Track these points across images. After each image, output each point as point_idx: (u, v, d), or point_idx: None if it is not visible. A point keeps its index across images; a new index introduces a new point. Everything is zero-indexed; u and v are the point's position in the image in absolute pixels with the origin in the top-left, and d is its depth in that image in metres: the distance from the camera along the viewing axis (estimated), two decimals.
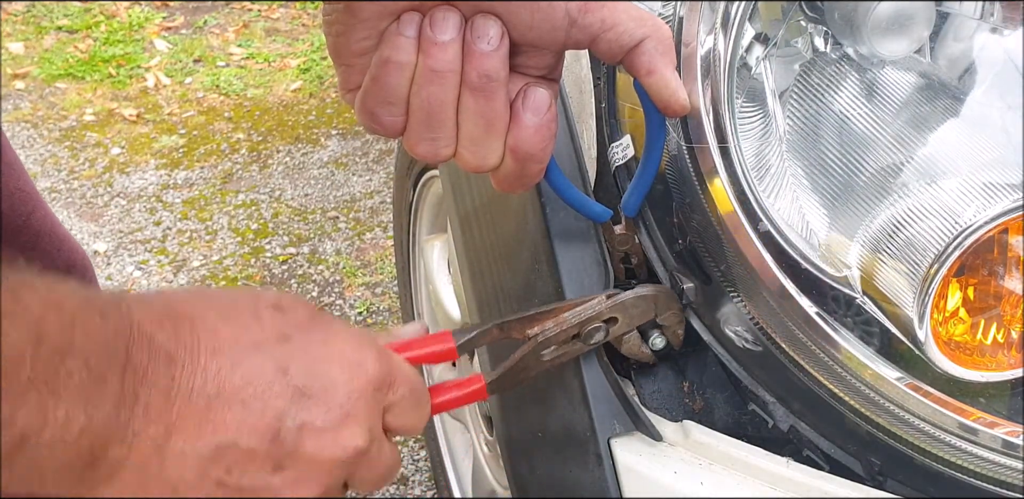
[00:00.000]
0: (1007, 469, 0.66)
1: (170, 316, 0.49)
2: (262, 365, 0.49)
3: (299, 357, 0.50)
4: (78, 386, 0.43)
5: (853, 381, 0.67)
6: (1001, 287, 0.66)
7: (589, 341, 0.72)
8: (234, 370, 0.48)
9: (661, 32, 0.60)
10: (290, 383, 0.49)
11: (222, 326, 0.49)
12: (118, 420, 0.45)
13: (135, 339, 0.46)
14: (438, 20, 0.57)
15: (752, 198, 0.67)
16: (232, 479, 0.49)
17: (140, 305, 0.48)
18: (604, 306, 0.72)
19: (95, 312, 0.45)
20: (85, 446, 0.44)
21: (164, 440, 0.47)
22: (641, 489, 0.74)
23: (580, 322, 0.71)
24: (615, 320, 0.73)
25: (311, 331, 0.52)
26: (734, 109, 0.68)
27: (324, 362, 0.51)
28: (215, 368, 0.48)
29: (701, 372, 0.78)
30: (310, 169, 2.80)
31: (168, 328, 0.48)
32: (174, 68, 3.37)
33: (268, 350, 0.50)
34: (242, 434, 0.48)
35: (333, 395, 0.51)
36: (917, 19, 0.69)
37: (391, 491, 1.84)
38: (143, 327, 0.47)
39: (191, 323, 0.49)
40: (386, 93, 0.59)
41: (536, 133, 0.60)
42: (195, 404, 0.47)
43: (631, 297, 0.73)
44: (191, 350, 0.48)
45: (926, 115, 0.69)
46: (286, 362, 0.50)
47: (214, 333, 0.49)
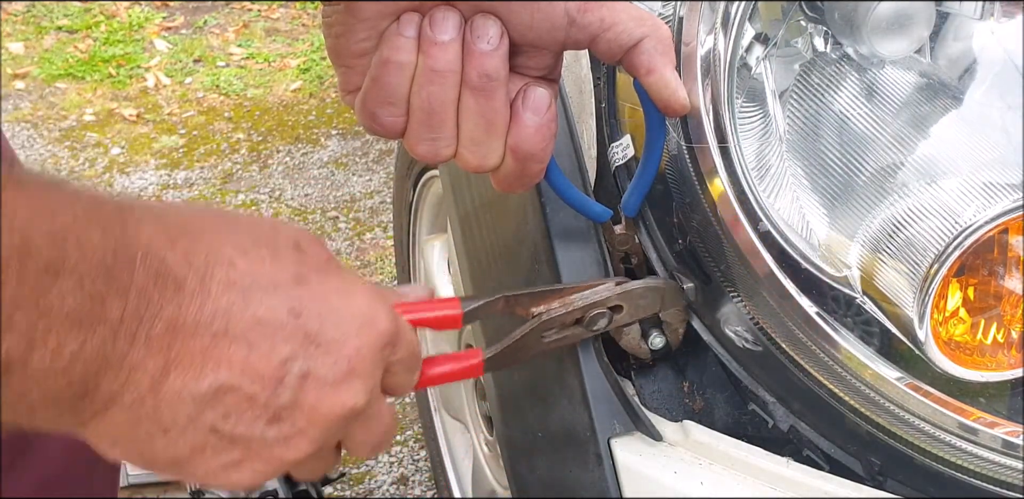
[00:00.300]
0: (1007, 469, 0.66)
1: (184, 237, 0.44)
2: (276, 305, 0.46)
3: (313, 302, 0.47)
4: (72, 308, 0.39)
5: (853, 381, 0.67)
6: (1001, 287, 0.66)
7: (592, 327, 0.71)
8: (246, 307, 0.45)
9: (660, 31, 0.60)
10: (302, 328, 0.46)
11: (239, 258, 0.46)
12: (115, 349, 0.42)
13: (142, 259, 0.42)
14: (438, 20, 0.57)
15: (752, 198, 0.67)
16: (227, 426, 0.46)
17: (151, 220, 0.44)
18: (612, 292, 0.71)
19: (95, 224, 0.41)
20: (77, 375, 0.41)
21: (161, 376, 0.43)
22: (641, 489, 0.74)
23: (586, 306, 0.70)
24: (620, 308, 0.72)
25: (327, 277, 0.49)
26: (734, 109, 0.68)
27: (337, 311, 0.48)
28: (226, 302, 0.44)
29: (701, 372, 0.78)
30: (310, 169, 2.80)
31: (180, 250, 0.44)
32: (174, 68, 3.37)
33: (283, 290, 0.47)
34: (245, 376, 0.45)
35: (342, 347, 0.48)
36: (917, 19, 0.69)
37: (391, 491, 1.84)
38: (152, 246, 0.43)
39: (207, 249, 0.45)
40: (386, 93, 0.59)
41: (536, 133, 0.60)
42: (199, 339, 0.44)
43: (640, 287, 0.72)
44: (203, 279, 0.44)
45: (926, 115, 0.69)
46: (300, 305, 0.47)
47: (230, 264, 0.45)
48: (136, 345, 0.42)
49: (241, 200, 2.66)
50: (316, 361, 0.47)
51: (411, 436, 1.95)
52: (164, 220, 0.45)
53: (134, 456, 0.46)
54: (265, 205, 2.64)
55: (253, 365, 0.45)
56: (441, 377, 0.64)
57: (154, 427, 0.44)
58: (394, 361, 0.52)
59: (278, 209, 2.61)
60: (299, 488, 1.54)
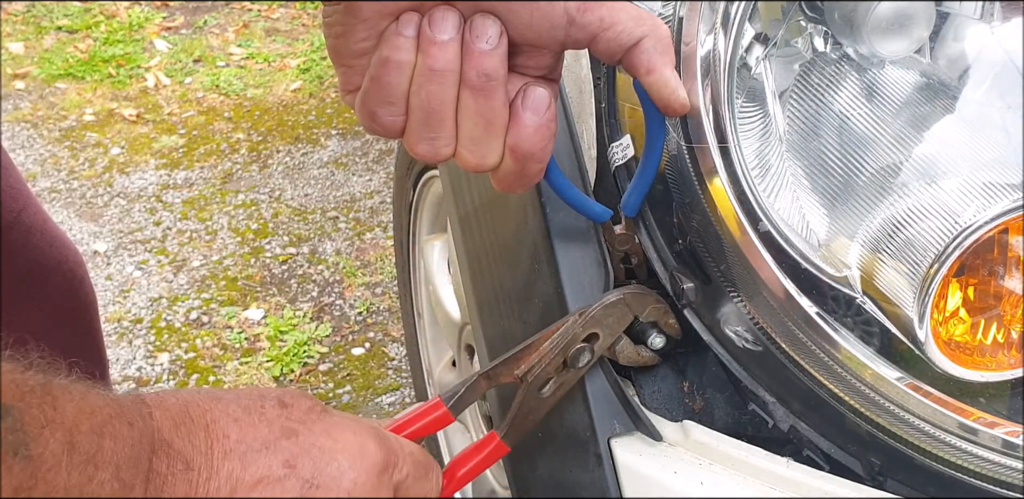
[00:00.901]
0: (1007, 469, 0.66)
1: (186, 422, 0.52)
2: (271, 463, 0.53)
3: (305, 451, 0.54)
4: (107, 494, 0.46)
5: (853, 381, 0.67)
6: (1001, 287, 0.66)
7: (578, 365, 0.72)
8: (245, 470, 0.52)
9: (660, 31, 0.60)
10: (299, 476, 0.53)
11: (232, 429, 0.53)
12: None
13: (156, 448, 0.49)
14: (437, 20, 0.57)
15: (752, 198, 0.67)
16: None
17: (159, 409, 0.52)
18: (578, 326, 0.72)
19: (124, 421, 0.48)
20: None
21: None
22: (641, 489, 0.74)
23: (562, 348, 0.71)
24: (596, 336, 0.72)
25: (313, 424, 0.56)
26: (734, 109, 0.68)
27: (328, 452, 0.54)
28: (227, 470, 0.51)
29: (701, 372, 0.78)
30: (310, 169, 2.80)
31: (184, 434, 0.51)
32: (174, 68, 3.37)
33: (276, 447, 0.53)
34: None
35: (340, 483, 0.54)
36: (917, 19, 0.69)
37: None
38: (162, 434, 0.50)
39: (205, 429, 0.52)
40: (386, 93, 0.59)
41: (536, 132, 0.60)
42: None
43: (598, 309, 0.73)
44: (206, 455, 0.51)
45: (926, 115, 0.69)
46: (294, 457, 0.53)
47: (225, 437, 0.52)
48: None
49: (241, 200, 2.66)
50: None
51: None
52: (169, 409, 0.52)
53: None
54: (265, 205, 2.63)
55: None
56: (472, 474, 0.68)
57: None
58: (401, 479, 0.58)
59: (278, 209, 2.61)
60: None
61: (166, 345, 2.16)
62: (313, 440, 0.55)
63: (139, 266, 2.41)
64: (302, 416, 0.56)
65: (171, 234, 2.53)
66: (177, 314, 2.25)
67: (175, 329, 2.21)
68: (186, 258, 2.44)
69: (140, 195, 2.69)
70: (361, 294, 2.30)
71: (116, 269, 2.41)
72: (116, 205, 2.65)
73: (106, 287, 2.33)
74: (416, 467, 0.59)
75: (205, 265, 2.41)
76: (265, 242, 2.49)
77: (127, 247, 2.48)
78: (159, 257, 2.45)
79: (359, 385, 2.06)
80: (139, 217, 2.60)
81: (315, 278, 2.36)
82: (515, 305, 0.88)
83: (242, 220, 2.58)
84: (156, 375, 2.08)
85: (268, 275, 2.37)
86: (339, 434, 0.56)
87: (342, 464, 0.54)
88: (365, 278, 2.35)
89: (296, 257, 2.43)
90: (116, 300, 2.29)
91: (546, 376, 0.71)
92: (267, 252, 2.45)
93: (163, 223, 2.57)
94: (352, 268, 2.38)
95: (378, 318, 2.23)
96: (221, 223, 2.56)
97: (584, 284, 0.78)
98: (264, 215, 2.59)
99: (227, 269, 2.39)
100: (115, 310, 2.26)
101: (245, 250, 2.46)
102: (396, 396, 2.04)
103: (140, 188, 2.73)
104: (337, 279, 2.35)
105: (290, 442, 0.54)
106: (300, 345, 2.13)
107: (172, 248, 2.48)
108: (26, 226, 1.00)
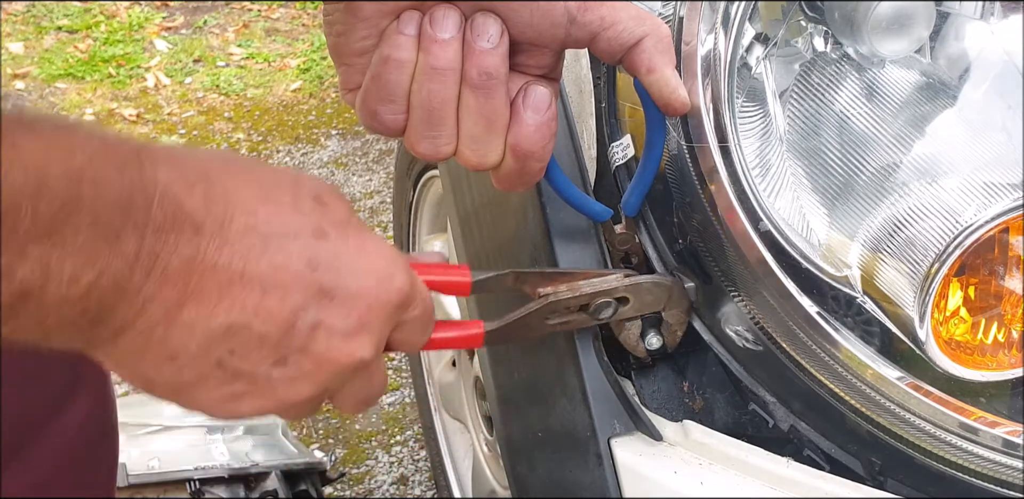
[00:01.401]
0: (1008, 468, 0.66)
1: (202, 183, 0.45)
2: (293, 255, 0.47)
3: (331, 257, 0.48)
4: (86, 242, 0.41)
5: (854, 381, 0.67)
6: (1002, 287, 0.66)
7: (597, 315, 0.70)
8: (264, 253, 0.46)
9: (660, 30, 0.60)
10: (316, 280, 0.48)
11: (260, 206, 0.47)
12: (131, 281, 0.43)
13: (159, 201, 0.43)
14: (438, 18, 0.57)
15: (752, 198, 0.67)
16: (233, 361, 0.47)
17: (169, 163, 0.44)
18: (621, 283, 0.70)
19: (111, 165, 0.42)
20: (92, 303, 0.42)
21: (176, 308, 0.44)
22: (641, 489, 0.74)
23: (593, 293, 0.69)
24: (626, 301, 0.71)
25: (348, 233, 0.50)
26: (734, 109, 0.68)
27: (354, 267, 0.49)
28: (245, 248, 0.45)
29: (701, 372, 0.78)
30: (310, 169, 2.80)
31: (199, 195, 0.45)
32: (174, 68, 3.37)
33: (302, 242, 0.48)
34: (257, 318, 0.46)
35: (355, 303, 0.49)
36: (917, 19, 0.69)
37: (391, 491, 1.84)
38: (170, 189, 0.43)
39: (226, 196, 0.46)
40: (387, 91, 0.59)
41: (536, 131, 0.60)
42: (216, 278, 0.45)
43: (648, 281, 0.72)
44: (222, 224, 0.45)
45: (926, 115, 0.69)
46: (317, 258, 0.48)
47: (250, 211, 0.46)
48: (151, 279, 0.43)
49: None
50: (328, 312, 0.48)
51: (411, 436, 1.95)
52: (183, 164, 0.45)
53: (138, 379, 0.48)
54: None
55: (266, 308, 0.46)
56: (443, 342, 0.64)
57: (162, 353, 0.46)
58: (407, 319, 0.53)
59: None
60: (299, 488, 1.54)
61: None
62: (343, 249, 0.49)
63: None
64: (337, 220, 0.50)
65: None
66: None
67: None
68: None
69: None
70: None
71: None
72: None
73: None
74: (423, 314, 0.55)
75: None
76: None
77: None
78: None
79: None
80: None
81: None
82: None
83: None
84: None
85: None
86: (371, 253, 0.50)
87: (364, 284, 0.49)
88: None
89: None
90: None
91: (563, 306, 0.70)
92: None
93: None
94: None
95: None
96: None
97: None
98: None
99: None
100: None
101: None
102: (396, 396, 2.03)
103: None
104: None
105: (319, 243, 0.48)
106: None
107: None
108: None
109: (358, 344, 0.50)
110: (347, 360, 0.50)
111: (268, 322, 0.47)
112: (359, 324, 0.49)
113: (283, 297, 0.47)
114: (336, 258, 0.49)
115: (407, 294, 0.52)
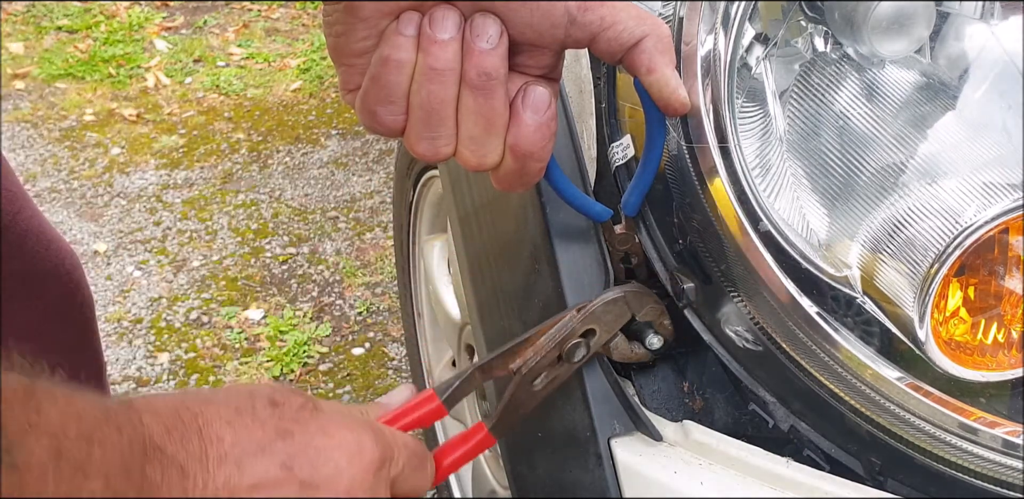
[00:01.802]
0: (1007, 469, 0.66)
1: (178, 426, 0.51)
2: (267, 466, 0.52)
3: (301, 451, 0.53)
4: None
5: (853, 381, 0.67)
6: (1001, 287, 0.66)
7: (572, 359, 0.72)
8: (242, 474, 0.51)
9: (660, 31, 0.60)
10: (296, 478, 0.52)
11: (226, 432, 0.52)
12: None
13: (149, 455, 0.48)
14: (438, 18, 0.57)
15: (752, 198, 0.67)
16: None
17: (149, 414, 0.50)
18: (576, 321, 0.72)
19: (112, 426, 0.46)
20: None
21: None
22: (641, 489, 0.74)
23: (558, 343, 0.71)
24: (592, 332, 0.73)
25: (307, 422, 0.55)
26: (734, 109, 0.68)
27: (324, 451, 0.54)
28: (224, 476, 0.50)
29: (701, 372, 0.78)
30: (310, 169, 2.80)
31: (177, 439, 0.50)
32: (174, 68, 3.37)
33: (271, 450, 0.52)
34: None
35: (338, 482, 0.53)
36: (917, 19, 0.69)
37: None
38: (154, 440, 0.49)
39: (198, 433, 0.51)
40: (386, 92, 0.59)
41: (536, 132, 0.60)
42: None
43: (598, 305, 0.73)
44: (200, 461, 0.50)
45: (926, 115, 0.69)
46: (290, 458, 0.52)
47: (219, 440, 0.51)
48: None
49: (241, 200, 2.66)
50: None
51: None
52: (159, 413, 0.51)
53: None
54: (265, 205, 2.63)
55: None
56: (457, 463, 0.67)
57: None
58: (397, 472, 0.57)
59: (278, 209, 2.61)
60: None
61: (166, 345, 2.16)
62: (308, 440, 0.54)
63: (139, 266, 2.41)
64: (295, 414, 0.55)
65: (171, 234, 2.53)
66: (177, 314, 2.25)
67: (175, 329, 2.21)
68: (186, 258, 2.44)
69: (140, 195, 2.69)
70: (361, 294, 2.30)
71: (116, 269, 2.41)
72: (116, 205, 2.65)
73: (106, 287, 2.33)
74: (411, 459, 0.59)
75: (205, 265, 2.41)
76: (265, 242, 2.49)
77: (127, 247, 2.48)
78: (159, 257, 2.45)
79: (359, 385, 2.06)
80: (139, 217, 2.60)
81: (315, 278, 2.36)
82: (515, 305, 0.88)
83: (242, 220, 2.58)
84: (156, 375, 2.08)
85: (268, 275, 2.37)
86: (335, 431, 0.55)
87: (339, 463, 0.54)
88: (365, 278, 2.35)
89: (296, 257, 2.43)
90: (116, 300, 2.29)
91: (540, 370, 0.71)
92: (267, 252, 2.45)
93: (163, 223, 2.57)
94: (352, 268, 2.38)
95: (378, 318, 2.23)
96: (221, 223, 2.56)
97: (584, 284, 0.78)
98: (264, 215, 2.59)
99: (227, 269, 2.39)
100: (115, 310, 2.26)
101: (245, 250, 2.46)
102: None
103: (140, 188, 2.73)
104: (337, 279, 2.35)
105: (285, 443, 0.53)
106: (300, 345, 2.13)
107: (172, 248, 2.48)
108: (22, 229, 1.00)
109: None
110: None
111: None
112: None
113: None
114: (305, 449, 0.53)
115: (381, 455, 0.56)
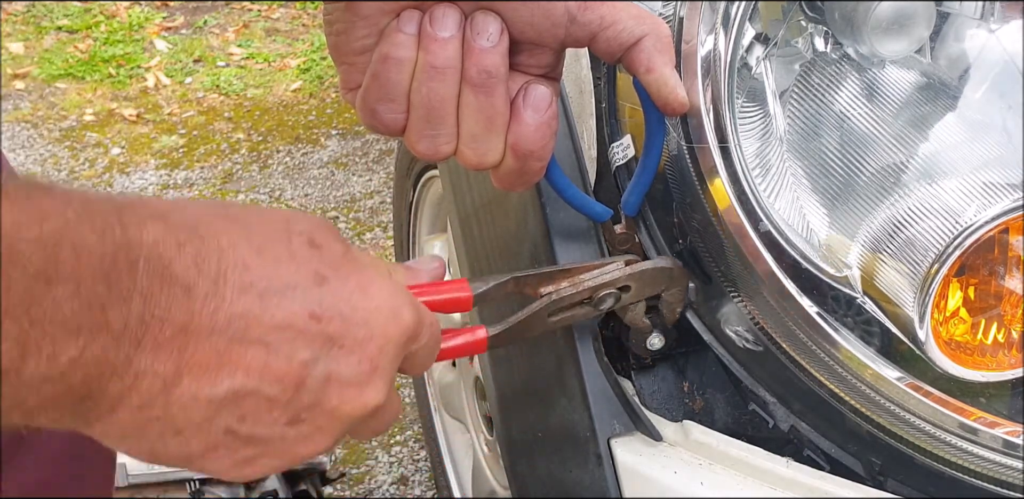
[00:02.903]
0: (1008, 469, 0.66)
1: (193, 240, 0.42)
2: (295, 310, 0.44)
3: (334, 303, 0.46)
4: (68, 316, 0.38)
5: (854, 381, 0.67)
6: (1001, 287, 0.66)
7: (600, 306, 0.70)
8: (264, 312, 0.43)
9: (660, 30, 0.60)
10: (322, 331, 0.45)
11: (254, 261, 0.44)
12: (118, 354, 0.40)
13: (145, 263, 0.40)
14: (438, 17, 0.57)
15: (752, 198, 0.67)
16: (244, 428, 0.45)
17: (154, 220, 0.42)
18: (623, 273, 0.70)
19: (90, 228, 0.39)
20: (77, 380, 0.39)
21: (174, 380, 0.42)
22: (641, 489, 0.74)
23: (596, 286, 0.69)
24: (628, 288, 0.71)
25: (347, 274, 0.47)
26: (734, 109, 0.68)
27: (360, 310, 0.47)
28: (242, 308, 0.43)
29: (701, 372, 0.78)
30: (310, 169, 2.80)
31: (189, 254, 0.42)
32: (174, 68, 3.37)
33: (302, 293, 0.45)
34: (264, 380, 0.44)
35: (365, 347, 0.47)
36: (917, 19, 0.69)
37: (391, 491, 1.84)
38: (156, 250, 0.41)
39: (218, 252, 0.43)
40: (386, 90, 0.59)
41: (536, 130, 0.60)
42: (214, 343, 0.42)
43: (652, 267, 0.71)
44: (216, 284, 0.42)
45: (926, 115, 0.69)
46: (320, 308, 0.45)
47: (244, 269, 0.43)
48: (143, 350, 0.41)
49: (241, 200, 2.66)
50: (339, 362, 0.46)
51: (411, 436, 1.95)
52: (169, 220, 0.42)
53: (144, 453, 0.45)
54: (265, 205, 2.63)
55: (273, 369, 0.44)
56: (448, 352, 0.64)
57: (166, 428, 0.43)
58: (416, 350, 0.51)
59: None
60: (299, 488, 1.54)
61: None
62: (347, 295, 0.46)
63: None
64: (335, 261, 0.47)
65: None
66: None
67: None
68: None
69: (140, 195, 2.69)
70: None
71: None
72: None
73: None
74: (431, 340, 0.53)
75: None
76: None
77: None
78: None
79: None
80: None
81: None
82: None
83: None
84: None
85: None
86: (375, 293, 0.48)
87: (373, 328, 0.47)
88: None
89: None
90: None
91: (565, 303, 0.69)
92: None
93: None
94: None
95: None
96: None
97: None
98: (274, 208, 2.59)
99: None
100: None
101: None
102: None
103: (140, 188, 2.73)
104: None
105: (319, 290, 0.45)
106: None
107: None
108: None
109: (372, 391, 0.47)
110: (362, 410, 0.47)
111: (277, 383, 0.44)
112: (371, 369, 0.47)
113: (289, 355, 0.44)
114: (339, 303, 0.46)
115: (415, 328, 0.50)
